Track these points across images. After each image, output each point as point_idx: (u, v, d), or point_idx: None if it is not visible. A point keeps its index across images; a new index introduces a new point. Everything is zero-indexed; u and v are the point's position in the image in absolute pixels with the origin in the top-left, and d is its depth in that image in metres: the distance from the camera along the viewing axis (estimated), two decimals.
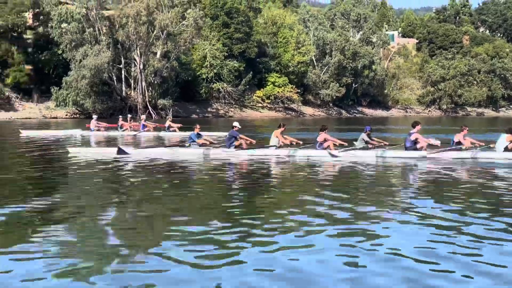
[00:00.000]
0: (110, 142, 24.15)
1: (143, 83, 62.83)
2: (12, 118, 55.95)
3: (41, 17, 62.29)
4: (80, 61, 57.75)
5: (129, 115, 43.02)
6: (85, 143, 23.89)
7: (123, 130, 29.65)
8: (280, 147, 16.22)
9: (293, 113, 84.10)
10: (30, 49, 62.21)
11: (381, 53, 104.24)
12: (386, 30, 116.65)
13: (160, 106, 64.42)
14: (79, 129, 29.42)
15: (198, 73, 73.36)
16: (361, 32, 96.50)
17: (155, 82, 63.46)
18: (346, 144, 16.62)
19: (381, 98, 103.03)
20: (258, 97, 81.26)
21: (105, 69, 58.25)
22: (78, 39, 59.35)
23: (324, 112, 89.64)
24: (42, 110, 59.27)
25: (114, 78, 62.97)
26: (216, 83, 74.93)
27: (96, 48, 58.13)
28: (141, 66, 62.48)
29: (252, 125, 47.40)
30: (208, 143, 16.99)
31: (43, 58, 61.90)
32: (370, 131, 16.78)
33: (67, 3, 65.39)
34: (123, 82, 64.23)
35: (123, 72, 63.67)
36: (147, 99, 63.18)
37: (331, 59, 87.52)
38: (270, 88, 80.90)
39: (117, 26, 63.37)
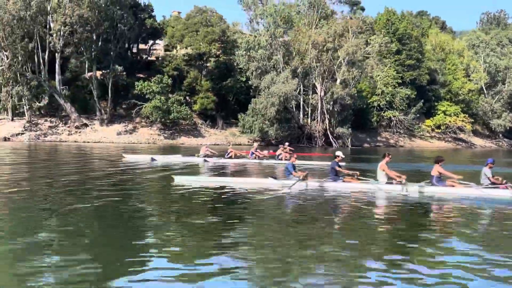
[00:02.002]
0: (194, 169, 20.91)
1: (324, 110, 58.47)
2: (202, 144, 54.10)
3: (225, 45, 60.51)
4: (267, 88, 54.83)
5: (286, 143, 41.94)
6: (182, 169, 20.70)
7: (229, 157, 25.68)
8: (391, 182, 13.26)
9: (463, 144, 75.49)
10: (213, 76, 60.62)
11: None
12: None
13: (335, 135, 59.63)
14: (180, 154, 27.12)
15: (369, 101, 68.09)
16: None
17: (335, 109, 58.83)
18: (460, 177, 13.21)
19: None
20: (428, 126, 73.90)
21: (293, 96, 54.78)
22: (264, 66, 56.73)
23: (494, 143, 79.80)
24: (229, 136, 56.98)
25: (293, 105, 59.39)
26: (387, 111, 69.05)
27: (283, 75, 54.93)
28: (322, 93, 58.28)
29: (422, 156, 40.99)
30: (303, 176, 13.95)
31: (225, 85, 60.06)
32: (493, 163, 13.09)
33: (243, 32, 63.67)
34: (301, 109, 60.43)
35: (301, 99, 59.89)
36: (327, 127, 58.68)
37: (504, 87, 77.96)
38: (440, 117, 73.32)
39: (294, 53, 60.05)
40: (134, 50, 66.46)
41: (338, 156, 14.19)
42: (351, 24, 55.93)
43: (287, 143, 43.77)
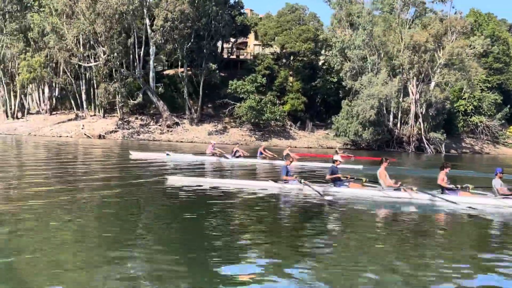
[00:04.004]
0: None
1: (419, 114, 54.78)
2: (295, 146, 51.20)
3: (315, 44, 57.19)
4: (363, 89, 51.51)
5: (338, 146, 40.15)
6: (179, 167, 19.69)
7: (237, 157, 23.96)
8: (397, 189, 12.30)
9: None
10: (303, 77, 57.40)
11: None
12: None
13: (426, 139, 55.75)
14: (190, 154, 25.56)
15: (455, 105, 64.09)
16: None
17: (430, 113, 55.15)
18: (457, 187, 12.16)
19: None
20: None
21: (393, 99, 51.35)
22: (359, 67, 53.42)
23: None
24: (321, 139, 53.90)
25: (384, 108, 55.86)
26: (473, 116, 64.98)
27: (381, 77, 51.53)
28: (417, 96, 54.65)
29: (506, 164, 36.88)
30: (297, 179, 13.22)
31: (314, 86, 56.96)
32: (502, 173, 11.97)
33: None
34: (391, 113, 56.84)
35: (392, 102, 56.26)
36: (421, 132, 54.97)
37: None
38: None
39: (382, 54, 56.54)
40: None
41: (337, 161, 13.24)
42: (456, 24, 52.09)
43: (339, 145, 40.65)
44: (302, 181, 12.81)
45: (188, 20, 47.16)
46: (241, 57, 65.59)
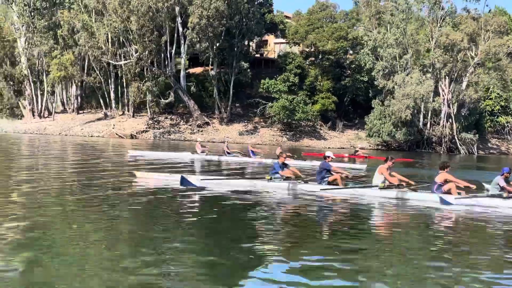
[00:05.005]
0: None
1: (452, 115, 53.59)
2: (328, 147, 50.00)
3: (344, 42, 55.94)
4: (397, 89, 50.29)
5: (359, 146, 38.52)
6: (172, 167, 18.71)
7: (233, 156, 23.74)
8: (385, 187, 11.68)
9: None
10: (334, 76, 56.04)
11: None
12: None
13: (458, 140, 54.53)
14: (189, 152, 24.89)
15: (481, 105, 62.95)
16: None
17: (462, 113, 54.02)
18: (473, 187, 11.57)
19: None
20: None
21: (429, 98, 50.12)
22: (392, 66, 52.16)
23: None
24: (353, 139, 52.66)
25: (415, 108, 54.61)
26: (500, 116, 63.84)
27: (415, 76, 50.28)
28: (449, 96, 53.45)
29: None
30: (293, 176, 12.84)
31: (344, 85, 55.72)
32: (509, 173, 11.52)
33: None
34: (421, 113, 55.60)
35: (428, 101, 54.95)
36: (454, 132, 53.78)
37: None
38: None
39: (411, 53, 55.25)
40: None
41: (329, 157, 12.87)
42: (492, 22, 50.91)
43: (359, 145, 39.75)
44: (268, 177, 12.57)
45: (223, 18, 45.80)
46: (264, 55, 64.41)
